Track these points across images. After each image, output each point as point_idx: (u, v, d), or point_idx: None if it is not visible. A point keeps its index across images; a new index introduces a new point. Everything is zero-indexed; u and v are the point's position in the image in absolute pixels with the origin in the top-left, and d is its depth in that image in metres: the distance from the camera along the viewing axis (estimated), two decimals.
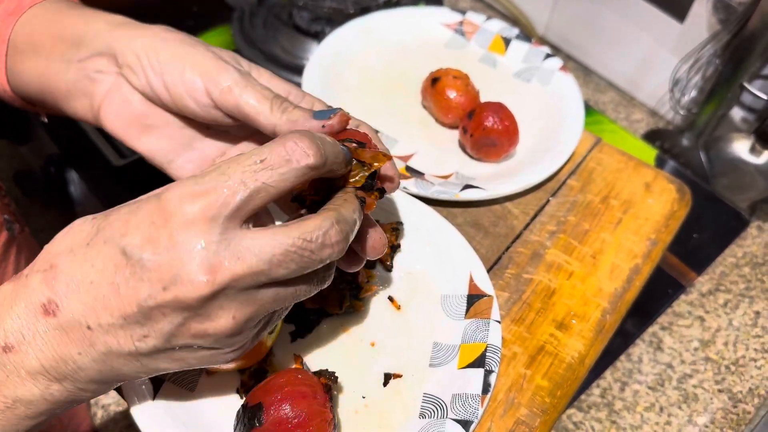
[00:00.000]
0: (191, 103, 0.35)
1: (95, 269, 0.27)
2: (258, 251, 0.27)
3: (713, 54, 0.68)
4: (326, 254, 0.28)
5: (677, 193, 0.52)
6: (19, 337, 0.28)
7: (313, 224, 0.28)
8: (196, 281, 0.26)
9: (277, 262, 0.27)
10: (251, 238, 0.27)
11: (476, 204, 0.50)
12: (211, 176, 0.27)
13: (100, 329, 0.27)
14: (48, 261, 0.28)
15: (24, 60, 0.41)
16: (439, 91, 0.53)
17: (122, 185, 0.61)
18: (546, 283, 0.46)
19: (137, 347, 0.28)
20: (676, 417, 0.56)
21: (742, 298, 0.64)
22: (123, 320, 0.27)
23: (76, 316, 0.27)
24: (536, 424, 0.39)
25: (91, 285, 0.27)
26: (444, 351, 0.41)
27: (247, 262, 0.26)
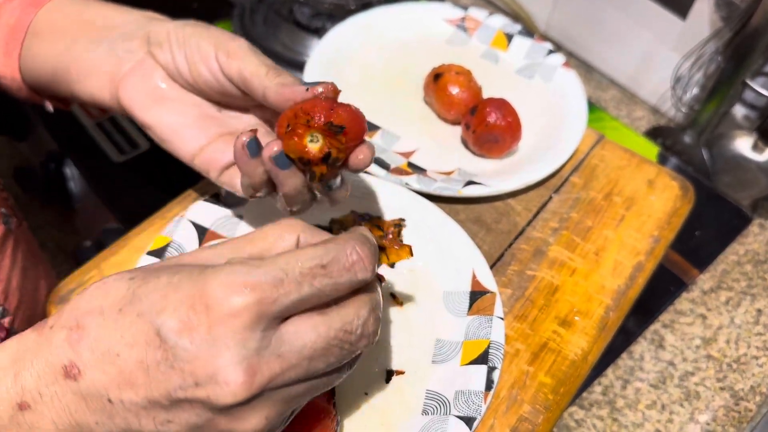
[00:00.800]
0: (204, 71, 0.38)
1: (124, 341, 0.25)
2: (300, 347, 0.25)
3: (715, 51, 0.68)
4: (363, 344, 0.27)
5: (680, 190, 0.52)
6: (36, 396, 0.26)
7: (353, 312, 0.27)
8: (232, 385, 0.24)
9: (318, 356, 0.26)
10: (292, 332, 0.26)
11: (479, 200, 0.50)
12: (266, 269, 0.25)
13: (122, 405, 0.26)
14: (75, 318, 0.26)
15: (41, 43, 0.42)
16: (442, 87, 0.53)
17: (121, 182, 0.60)
18: (549, 279, 0.45)
19: (159, 430, 0.26)
20: (677, 415, 0.56)
21: (744, 296, 0.63)
22: (147, 402, 0.25)
23: (97, 386, 0.26)
24: (539, 421, 0.39)
25: (118, 357, 0.25)
26: (447, 348, 0.41)
27: (287, 358, 0.25)
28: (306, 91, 0.33)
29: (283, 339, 0.25)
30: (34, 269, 0.51)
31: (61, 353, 0.26)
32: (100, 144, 0.62)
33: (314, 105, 0.32)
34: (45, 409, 0.26)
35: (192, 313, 0.25)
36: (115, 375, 0.25)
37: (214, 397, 0.24)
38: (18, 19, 0.42)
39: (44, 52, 0.42)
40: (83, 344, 0.26)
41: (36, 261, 0.52)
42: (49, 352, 0.26)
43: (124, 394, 0.25)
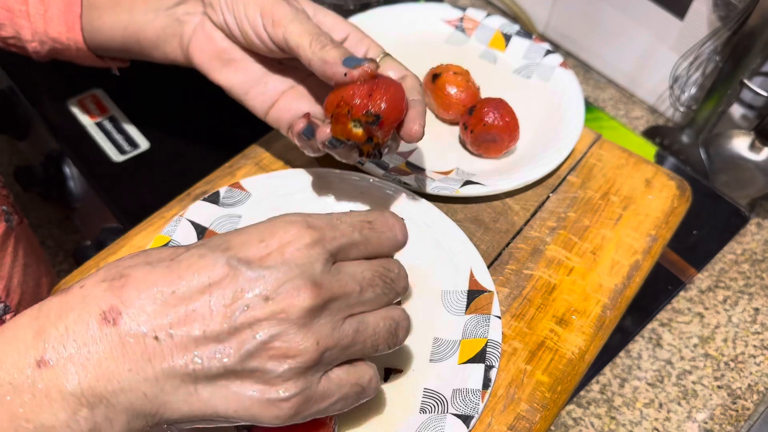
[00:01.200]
0: (254, 37, 0.39)
1: (181, 278, 0.26)
2: (352, 274, 0.29)
3: (713, 51, 0.68)
4: (401, 285, 0.31)
5: (677, 190, 0.52)
6: (61, 350, 0.25)
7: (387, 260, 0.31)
8: (303, 293, 0.27)
9: (366, 284, 0.29)
10: (344, 266, 0.29)
11: (476, 200, 0.50)
12: (325, 218, 0.29)
13: (170, 341, 0.26)
14: (118, 272, 0.27)
15: (103, 15, 0.44)
16: (440, 87, 0.53)
17: (121, 181, 0.60)
18: (546, 278, 0.46)
19: (205, 366, 0.26)
20: (675, 413, 0.56)
21: (742, 295, 0.64)
22: (202, 334, 0.26)
23: (141, 326, 0.25)
24: (536, 419, 0.39)
25: (173, 295, 0.26)
26: (444, 346, 0.41)
27: (344, 282, 0.29)
28: (344, 75, 0.35)
29: (340, 270, 0.29)
30: (36, 266, 0.52)
31: (99, 301, 0.26)
32: (99, 143, 0.63)
33: (353, 93, 0.35)
34: (68, 363, 0.25)
35: (263, 245, 0.27)
36: (168, 311, 0.26)
37: (286, 304, 0.26)
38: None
39: (108, 25, 0.44)
40: (129, 287, 0.26)
41: (37, 258, 0.53)
42: (83, 305, 0.26)
43: (177, 329, 0.26)
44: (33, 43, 0.46)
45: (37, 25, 0.44)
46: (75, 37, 0.44)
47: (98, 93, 0.66)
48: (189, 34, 0.42)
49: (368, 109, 0.35)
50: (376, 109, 0.35)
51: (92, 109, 0.65)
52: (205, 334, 0.26)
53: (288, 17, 0.37)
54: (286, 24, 0.37)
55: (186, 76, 0.70)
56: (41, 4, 0.44)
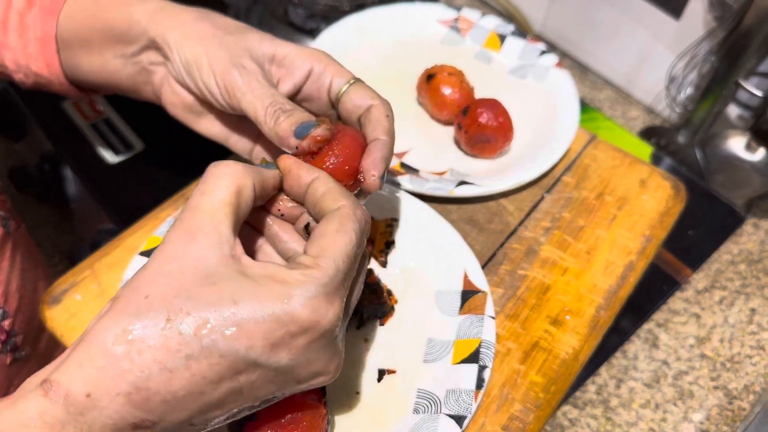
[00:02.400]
0: (215, 102, 0.37)
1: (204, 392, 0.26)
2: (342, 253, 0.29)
3: (709, 51, 0.68)
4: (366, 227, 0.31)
5: (672, 190, 0.52)
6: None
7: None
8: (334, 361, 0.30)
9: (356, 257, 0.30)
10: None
11: (471, 200, 0.50)
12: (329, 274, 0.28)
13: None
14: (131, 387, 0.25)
15: (79, 55, 0.42)
16: (434, 87, 0.53)
17: (116, 182, 0.60)
18: (540, 279, 0.46)
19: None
20: (671, 414, 0.56)
21: (738, 295, 0.64)
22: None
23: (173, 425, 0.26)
24: (530, 419, 0.39)
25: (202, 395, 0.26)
26: (438, 347, 0.41)
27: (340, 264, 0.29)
28: (296, 148, 0.34)
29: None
30: (33, 271, 0.51)
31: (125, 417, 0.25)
32: (94, 145, 0.63)
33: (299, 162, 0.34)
34: None
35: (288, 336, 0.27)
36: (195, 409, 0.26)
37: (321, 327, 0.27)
38: (42, 30, 0.42)
39: (86, 65, 0.42)
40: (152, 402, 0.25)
41: (35, 263, 0.53)
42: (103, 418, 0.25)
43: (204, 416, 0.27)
44: (18, 74, 0.44)
45: (19, 58, 0.43)
46: (56, 72, 0.43)
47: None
48: (158, 84, 0.40)
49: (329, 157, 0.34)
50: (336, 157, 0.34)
51: (87, 111, 0.65)
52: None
53: (240, 89, 0.35)
54: (240, 97, 0.35)
55: None
56: (20, 39, 0.43)
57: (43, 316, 0.41)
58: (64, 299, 0.41)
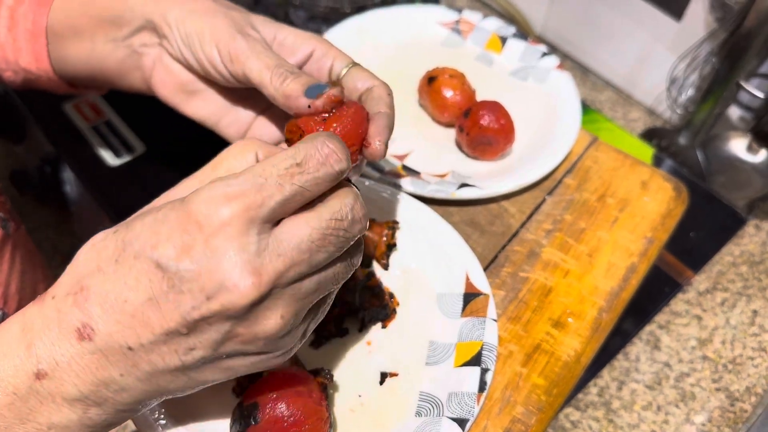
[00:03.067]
0: (215, 73, 0.37)
1: (128, 286, 0.26)
2: (297, 242, 0.26)
3: (710, 52, 0.68)
4: (357, 229, 0.28)
5: (673, 192, 0.52)
6: (53, 363, 0.26)
7: (338, 202, 0.28)
8: (242, 287, 0.25)
9: (317, 248, 0.27)
10: (286, 231, 0.26)
11: (473, 203, 0.50)
12: (245, 177, 0.26)
13: (142, 349, 0.26)
14: (77, 282, 0.27)
15: (68, 45, 0.42)
16: (436, 89, 0.53)
17: (117, 185, 0.60)
18: (542, 281, 0.46)
19: (183, 361, 0.27)
20: (673, 416, 0.56)
21: (740, 297, 0.64)
22: (166, 336, 0.26)
23: (114, 338, 0.26)
24: (532, 422, 0.39)
25: (126, 303, 0.26)
26: (440, 349, 0.41)
27: (289, 256, 0.26)
28: (308, 107, 0.33)
29: (280, 239, 0.26)
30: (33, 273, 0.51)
31: (71, 317, 0.26)
32: (95, 147, 0.63)
33: (308, 125, 0.33)
34: (64, 375, 0.26)
35: (185, 235, 0.25)
36: (128, 320, 0.26)
37: (228, 303, 0.25)
38: (33, 22, 0.42)
39: (72, 55, 0.42)
40: (91, 303, 0.26)
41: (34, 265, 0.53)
42: (58, 320, 0.26)
43: (142, 337, 0.26)
44: (7, 72, 0.44)
45: (8, 54, 0.43)
46: (45, 67, 0.43)
47: (94, 97, 0.66)
48: (149, 66, 0.40)
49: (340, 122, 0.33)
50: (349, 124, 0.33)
51: (88, 113, 0.65)
52: (168, 335, 0.26)
53: (245, 53, 0.35)
54: (244, 61, 0.35)
55: None
56: (9, 34, 0.43)
57: None
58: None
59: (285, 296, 0.27)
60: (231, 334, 0.26)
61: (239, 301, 0.25)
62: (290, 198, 0.26)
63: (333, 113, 0.33)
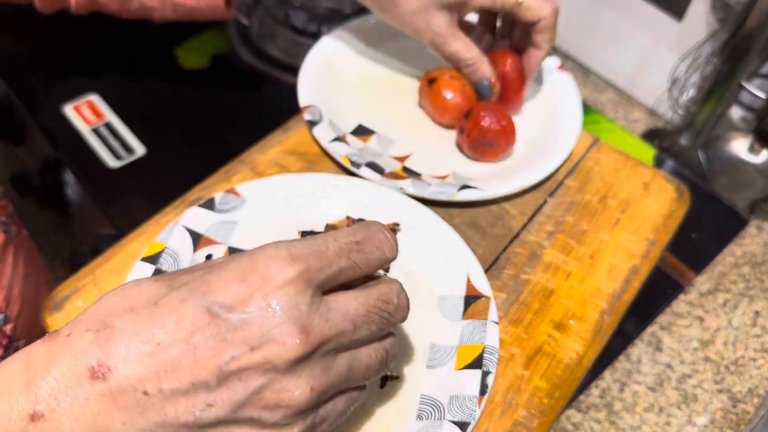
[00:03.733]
0: None
1: (165, 329, 0.25)
2: (344, 312, 0.28)
3: (711, 53, 0.68)
4: (399, 316, 0.30)
5: (675, 193, 0.52)
6: (53, 403, 0.25)
7: (387, 287, 0.30)
8: (290, 341, 0.26)
9: (361, 322, 0.28)
10: (336, 301, 0.28)
11: (474, 204, 0.50)
12: (309, 243, 0.28)
13: (160, 395, 0.25)
14: (100, 321, 0.26)
15: None
16: (436, 91, 0.53)
17: (117, 187, 0.60)
18: (544, 283, 0.45)
19: (197, 417, 0.25)
20: (675, 417, 0.55)
21: (742, 298, 0.63)
22: (191, 386, 0.25)
23: (131, 381, 0.25)
24: (534, 425, 0.38)
25: (158, 346, 0.25)
26: (441, 352, 0.41)
27: (335, 323, 0.27)
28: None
29: (330, 306, 0.27)
30: (35, 276, 0.51)
31: (87, 355, 0.25)
32: (95, 150, 0.63)
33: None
34: (62, 417, 0.25)
35: (244, 286, 0.26)
36: (155, 365, 0.25)
37: (271, 355, 0.25)
38: None
39: None
40: (114, 342, 0.25)
41: (36, 268, 0.53)
42: (70, 357, 0.25)
43: (165, 383, 0.25)
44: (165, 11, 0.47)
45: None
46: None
47: (94, 98, 0.66)
48: None
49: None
50: None
51: (88, 115, 0.65)
52: (194, 385, 0.25)
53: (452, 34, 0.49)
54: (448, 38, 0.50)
55: (183, 81, 0.70)
56: None
57: (45, 322, 0.40)
58: (65, 305, 0.41)
59: (320, 366, 0.27)
60: (256, 396, 0.26)
61: (283, 355, 0.25)
62: (345, 269, 0.28)
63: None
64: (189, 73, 0.70)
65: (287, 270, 0.26)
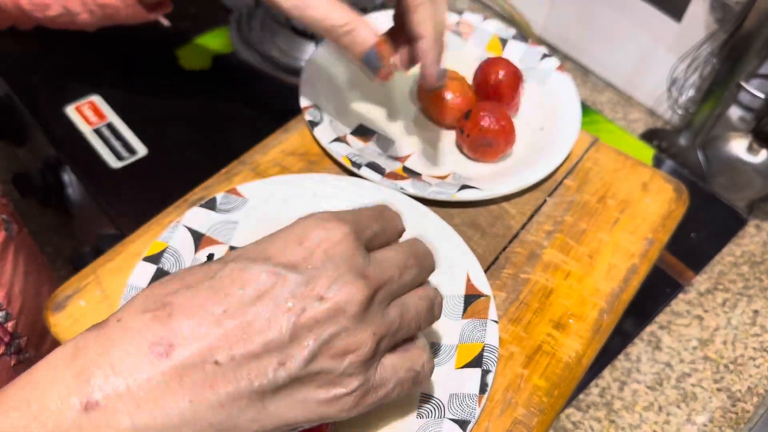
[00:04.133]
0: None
1: (229, 295, 0.25)
2: (390, 260, 0.30)
3: (710, 53, 0.68)
4: (430, 262, 0.33)
5: (674, 193, 0.52)
6: (109, 390, 0.23)
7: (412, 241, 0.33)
8: (357, 284, 0.27)
9: (404, 266, 0.30)
10: (379, 253, 0.30)
11: (473, 204, 0.50)
12: (349, 213, 0.30)
13: (232, 362, 0.24)
14: (159, 301, 0.25)
15: None
16: (436, 92, 0.54)
17: (119, 188, 0.61)
18: (543, 283, 0.46)
19: (270, 379, 0.25)
20: (674, 416, 0.56)
21: (741, 297, 0.64)
22: (263, 347, 0.25)
23: (201, 352, 0.24)
24: (533, 423, 0.39)
25: (225, 314, 0.25)
26: (441, 351, 0.41)
27: (386, 268, 0.29)
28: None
29: (377, 258, 0.30)
30: (36, 274, 0.52)
31: (146, 334, 0.24)
32: (97, 150, 0.63)
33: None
34: (120, 404, 0.23)
35: (303, 247, 0.27)
36: (224, 333, 0.25)
37: (342, 299, 0.27)
38: None
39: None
40: (176, 316, 0.25)
41: (37, 266, 0.53)
42: (127, 339, 0.24)
43: (236, 348, 0.25)
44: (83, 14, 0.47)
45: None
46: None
47: (96, 99, 0.67)
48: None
49: None
50: None
51: (90, 116, 0.65)
52: (266, 346, 0.25)
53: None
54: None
55: (184, 82, 0.71)
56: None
57: (48, 322, 0.41)
58: (68, 305, 0.41)
59: (378, 313, 0.29)
60: (326, 346, 0.26)
61: (354, 299, 0.27)
62: (378, 233, 0.31)
63: None
64: (190, 74, 0.71)
65: (341, 228, 0.28)
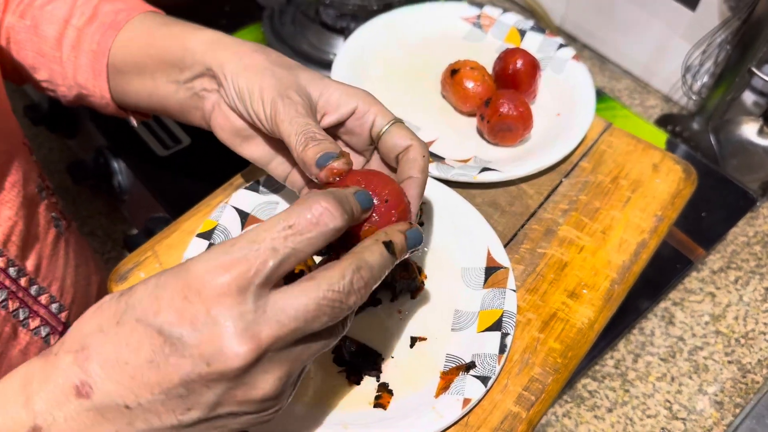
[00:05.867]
0: (261, 126, 0.39)
1: (129, 348, 0.27)
2: (293, 311, 0.27)
3: (724, 40, 0.70)
4: (352, 301, 0.29)
5: (683, 173, 0.55)
6: (49, 419, 0.27)
7: (337, 273, 0.28)
8: (239, 352, 0.26)
9: (312, 317, 0.27)
10: (283, 298, 0.27)
11: (493, 185, 0.53)
12: (240, 245, 0.27)
13: (140, 408, 0.27)
14: (78, 341, 0.28)
15: (130, 80, 0.45)
16: (458, 81, 0.57)
17: (165, 174, 0.65)
18: (558, 256, 0.49)
19: (180, 420, 0.28)
20: (686, 386, 0.58)
21: (753, 275, 0.66)
22: (164, 396, 0.27)
23: (112, 397, 0.27)
24: (548, 381, 0.42)
25: (127, 365, 0.27)
26: (464, 317, 0.45)
27: (284, 323, 0.27)
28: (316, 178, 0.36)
29: (278, 306, 0.27)
30: (86, 266, 0.54)
31: (70, 375, 0.27)
32: (145, 140, 0.68)
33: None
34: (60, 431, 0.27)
35: (186, 303, 0.27)
36: (127, 381, 0.27)
37: (226, 367, 0.26)
38: (99, 42, 0.45)
39: (135, 90, 0.45)
40: (91, 362, 0.27)
41: (86, 258, 0.55)
42: (57, 376, 0.28)
43: (140, 397, 0.27)
44: (62, 87, 0.48)
45: (68, 70, 0.47)
46: (101, 85, 0.46)
47: None
48: (209, 109, 0.43)
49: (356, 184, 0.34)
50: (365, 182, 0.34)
51: None
52: (167, 395, 0.27)
53: (280, 116, 0.37)
54: (279, 123, 0.37)
55: None
56: (72, 52, 0.46)
57: (111, 292, 0.45)
58: (129, 277, 0.46)
59: (279, 360, 0.28)
60: (227, 396, 0.27)
61: (235, 365, 0.26)
62: (285, 260, 0.27)
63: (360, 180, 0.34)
64: None
65: (219, 279, 0.26)
